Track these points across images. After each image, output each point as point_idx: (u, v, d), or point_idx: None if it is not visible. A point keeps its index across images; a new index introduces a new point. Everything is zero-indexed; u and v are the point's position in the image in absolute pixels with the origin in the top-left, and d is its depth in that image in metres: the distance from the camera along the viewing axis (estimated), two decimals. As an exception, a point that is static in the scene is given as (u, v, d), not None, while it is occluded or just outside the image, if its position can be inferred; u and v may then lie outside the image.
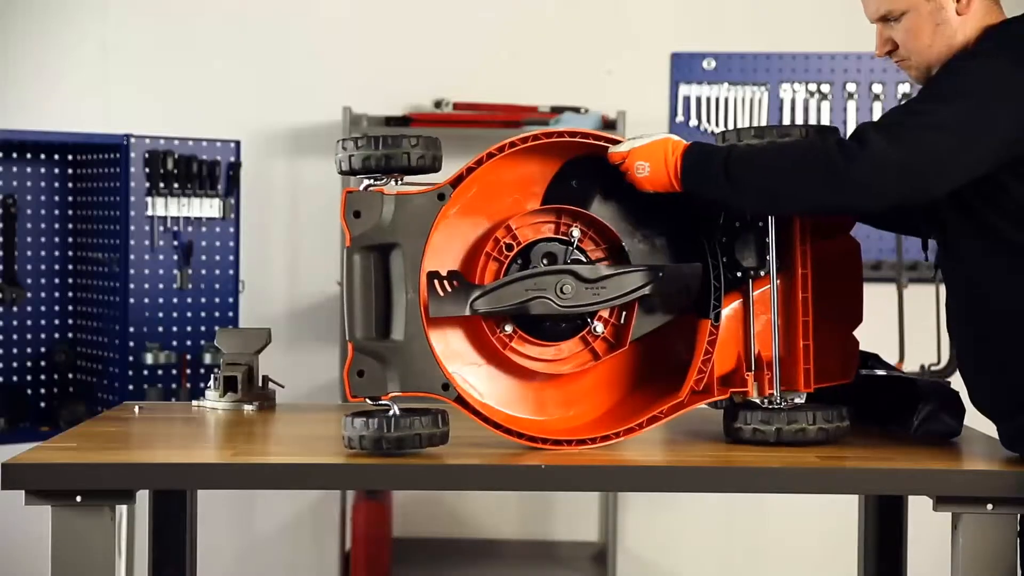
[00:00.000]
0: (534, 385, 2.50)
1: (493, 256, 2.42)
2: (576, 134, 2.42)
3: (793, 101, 5.15)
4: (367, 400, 2.34)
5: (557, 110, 5.03)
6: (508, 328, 2.42)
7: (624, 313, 2.45)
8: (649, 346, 2.53)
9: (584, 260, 2.45)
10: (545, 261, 2.43)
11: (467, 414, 2.37)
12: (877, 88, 5.17)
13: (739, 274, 2.46)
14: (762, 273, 2.45)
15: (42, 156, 4.70)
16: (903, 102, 2.34)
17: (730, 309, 2.48)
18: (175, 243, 4.61)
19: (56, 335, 4.73)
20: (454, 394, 2.36)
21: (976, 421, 2.60)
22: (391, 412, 2.32)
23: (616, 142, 2.43)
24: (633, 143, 2.39)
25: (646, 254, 2.48)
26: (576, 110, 5.02)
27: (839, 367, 2.54)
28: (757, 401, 2.46)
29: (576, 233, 2.44)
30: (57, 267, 4.73)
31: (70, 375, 4.74)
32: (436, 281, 2.34)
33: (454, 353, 2.44)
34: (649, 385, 2.53)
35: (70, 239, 4.75)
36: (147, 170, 4.53)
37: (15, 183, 4.63)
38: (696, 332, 2.47)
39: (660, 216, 2.48)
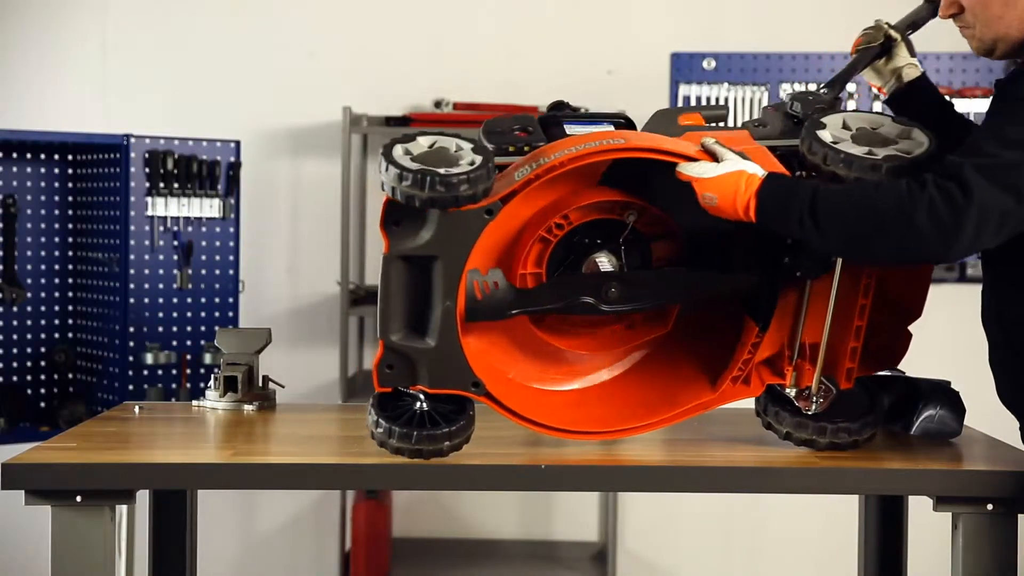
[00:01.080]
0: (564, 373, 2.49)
1: (541, 236, 2.35)
2: (641, 148, 2.28)
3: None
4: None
5: (557, 110, 5.03)
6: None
7: None
8: (689, 327, 2.49)
9: (643, 236, 2.40)
10: (599, 241, 2.37)
11: (499, 411, 2.35)
12: (877, 88, 5.16)
13: (799, 274, 2.37)
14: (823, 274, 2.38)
15: (42, 156, 4.70)
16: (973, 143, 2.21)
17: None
18: (175, 243, 4.61)
19: (56, 335, 4.73)
20: (484, 391, 2.33)
21: (976, 421, 2.61)
22: (418, 407, 2.31)
23: (686, 157, 2.30)
24: (703, 170, 2.26)
25: (703, 242, 2.42)
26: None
27: (886, 358, 2.47)
28: (791, 393, 2.40)
29: (632, 218, 2.38)
30: (57, 267, 4.73)
31: (70, 375, 4.74)
32: (476, 282, 2.30)
33: (488, 348, 2.41)
34: (685, 369, 2.48)
35: (70, 239, 4.75)
36: (147, 170, 4.53)
37: (15, 183, 4.63)
38: (742, 324, 2.43)
39: None
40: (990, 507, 2.21)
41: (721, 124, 2.52)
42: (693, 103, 5.17)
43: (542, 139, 2.40)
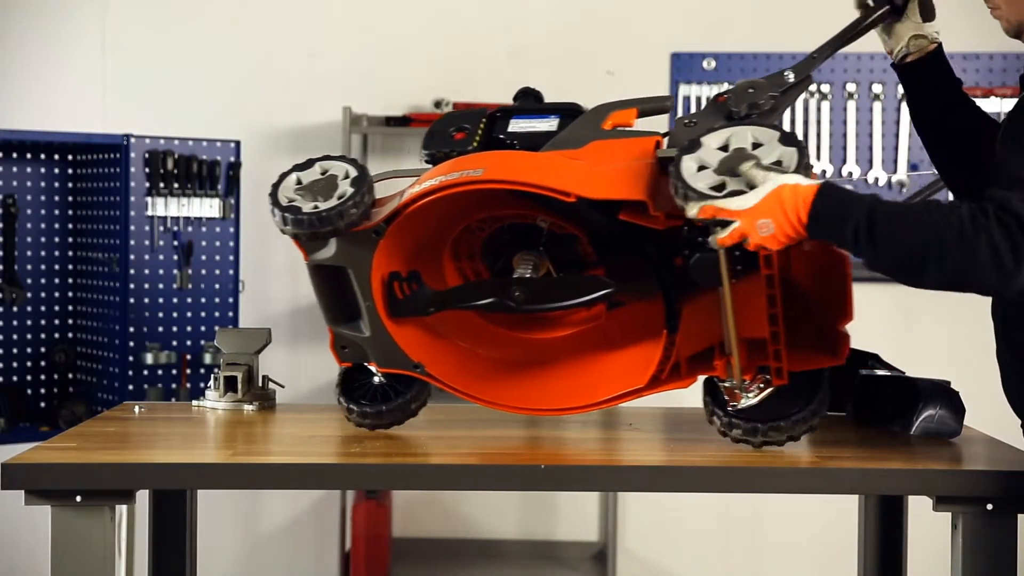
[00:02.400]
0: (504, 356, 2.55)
1: (465, 234, 2.46)
2: (496, 181, 2.25)
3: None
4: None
5: (557, 110, 5.03)
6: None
7: None
8: (624, 317, 2.50)
9: (566, 236, 2.43)
10: (527, 236, 2.44)
11: (439, 386, 2.46)
12: (877, 88, 5.17)
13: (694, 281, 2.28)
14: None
15: (42, 156, 4.70)
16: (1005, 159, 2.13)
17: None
18: (175, 243, 4.61)
19: (56, 335, 4.73)
20: (426, 372, 2.44)
21: (976, 421, 2.60)
22: (376, 381, 2.51)
23: (549, 189, 2.23)
24: (744, 202, 2.08)
25: (609, 246, 2.41)
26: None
27: (826, 356, 2.35)
28: (727, 385, 2.31)
29: (544, 224, 2.41)
30: (57, 267, 4.73)
31: (70, 375, 4.74)
32: (395, 283, 2.41)
33: (430, 328, 2.49)
34: (623, 356, 2.46)
35: (70, 239, 4.75)
36: (147, 170, 4.53)
37: (15, 183, 4.63)
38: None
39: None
40: (990, 507, 2.21)
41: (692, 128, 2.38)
42: (693, 103, 5.17)
43: (470, 143, 2.43)
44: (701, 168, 2.17)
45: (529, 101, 2.51)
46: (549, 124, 2.43)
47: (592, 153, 2.32)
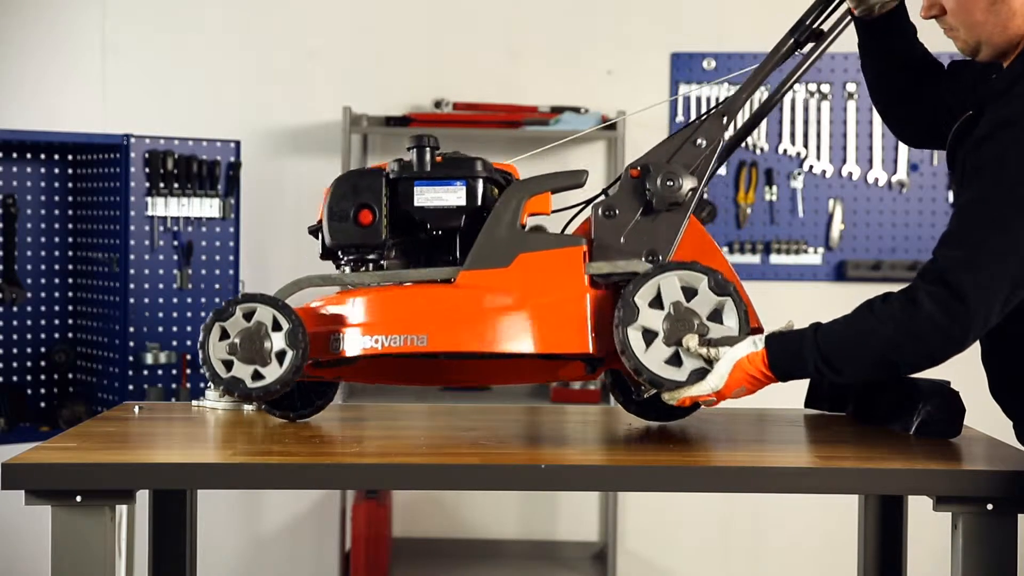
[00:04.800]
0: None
1: None
2: (461, 351, 2.36)
3: (793, 101, 5.15)
4: None
5: (557, 110, 5.03)
6: None
7: None
8: None
9: None
10: None
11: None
12: (877, 88, 5.16)
13: None
14: None
15: (42, 156, 4.70)
16: (956, 210, 2.20)
17: None
18: (175, 243, 4.61)
19: (56, 335, 4.73)
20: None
21: (976, 421, 2.60)
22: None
23: (506, 356, 2.43)
24: (711, 385, 2.25)
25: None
26: (576, 110, 5.02)
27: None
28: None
29: None
30: (57, 267, 4.73)
31: (70, 375, 4.74)
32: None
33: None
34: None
35: (70, 239, 4.75)
36: (147, 170, 4.53)
37: (15, 183, 4.63)
38: None
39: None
40: (990, 507, 2.21)
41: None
42: (693, 103, 5.17)
43: (380, 233, 2.39)
44: (649, 337, 2.27)
45: (424, 154, 2.40)
46: (457, 195, 2.38)
47: (521, 272, 2.33)
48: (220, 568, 5.08)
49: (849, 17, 2.49)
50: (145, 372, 4.53)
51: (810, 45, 2.49)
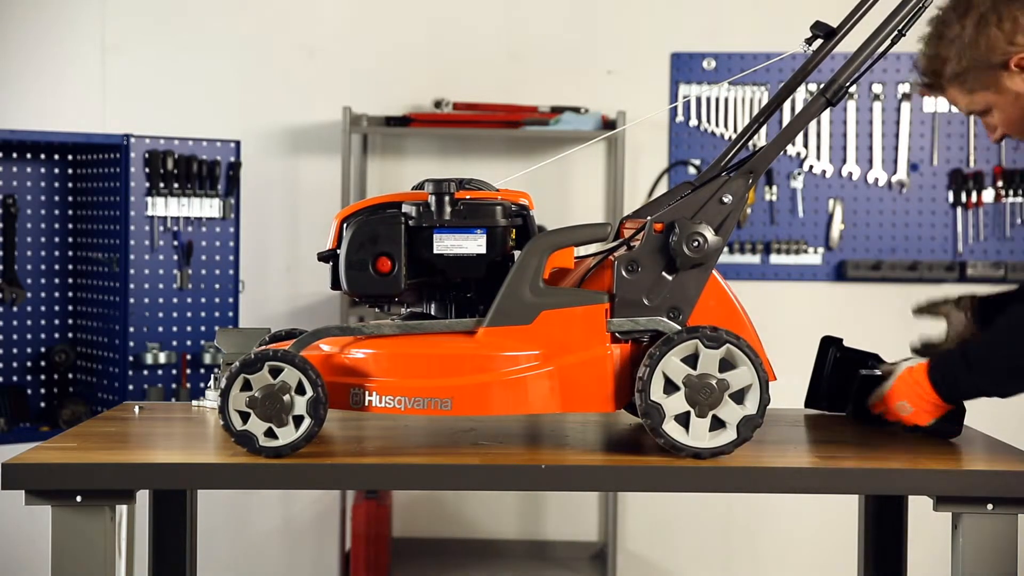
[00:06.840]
0: None
1: None
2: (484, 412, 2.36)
3: (793, 101, 5.15)
4: None
5: (557, 110, 5.03)
6: None
7: None
8: None
9: None
10: None
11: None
12: (877, 88, 5.17)
13: None
14: None
15: (42, 156, 4.70)
16: None
17: None
18: (175, 243, 4.61)
19: (56, 335, 4.73)
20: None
21: (976, 421, 2.60)
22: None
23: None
24: (884, 387, 2.43)
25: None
26: (576, 110, 5.02)
27: None
28: None
29: None
30: (57, 267, 4.73)
31: (70, 375, 4.74)
32: None
33: None
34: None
35: (70, 239, 4.75)
36: (147, 170, 4.53)
37: (15, 183, 4.64)
38: None
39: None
40: (990, 507, 2.21)
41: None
42: (693, 103, 5.17)
43: (400, 283, 2.36)
44: (682, 419, 2.29)
45: (444, 201, 2.36)
46: (477, 243, 2.36)
47: (544, 330, 2.32)
48: (220, 568, 5.08)
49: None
50: (145, 372, 4.53)
51: (818, 42, 2.50)
